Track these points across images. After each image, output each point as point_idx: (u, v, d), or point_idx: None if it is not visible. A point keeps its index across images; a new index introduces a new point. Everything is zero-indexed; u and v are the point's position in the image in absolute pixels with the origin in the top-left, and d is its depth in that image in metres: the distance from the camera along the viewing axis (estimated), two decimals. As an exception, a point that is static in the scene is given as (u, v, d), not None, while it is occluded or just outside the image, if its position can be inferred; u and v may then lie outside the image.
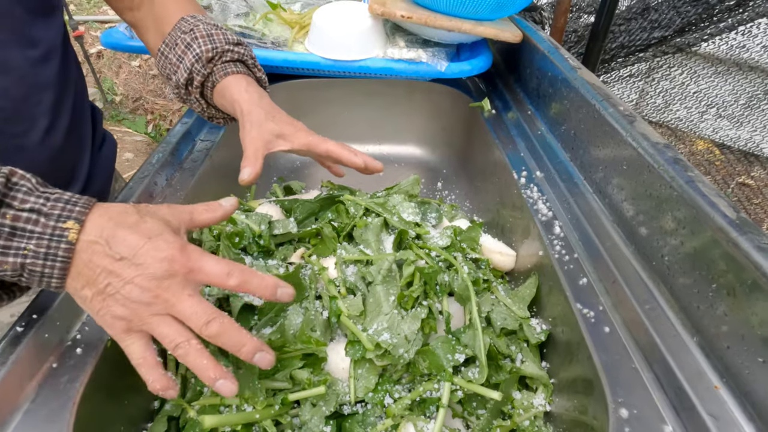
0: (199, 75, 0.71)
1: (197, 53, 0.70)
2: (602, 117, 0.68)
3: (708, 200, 0.48)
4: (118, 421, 0.52)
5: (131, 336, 0.43)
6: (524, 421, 0.57)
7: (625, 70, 1.63)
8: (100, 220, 0.43)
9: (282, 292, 0.48)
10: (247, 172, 0.64)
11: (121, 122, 3.45)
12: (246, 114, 0.69)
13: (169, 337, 0.43)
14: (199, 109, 0.78)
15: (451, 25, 0.94)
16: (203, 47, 0.70)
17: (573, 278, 0.59)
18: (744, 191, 2.21)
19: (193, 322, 0.43)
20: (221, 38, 0.72)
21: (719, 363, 0.45)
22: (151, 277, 0.42)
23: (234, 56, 0.73)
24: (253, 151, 0.66)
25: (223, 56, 0.72)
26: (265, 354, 0.46)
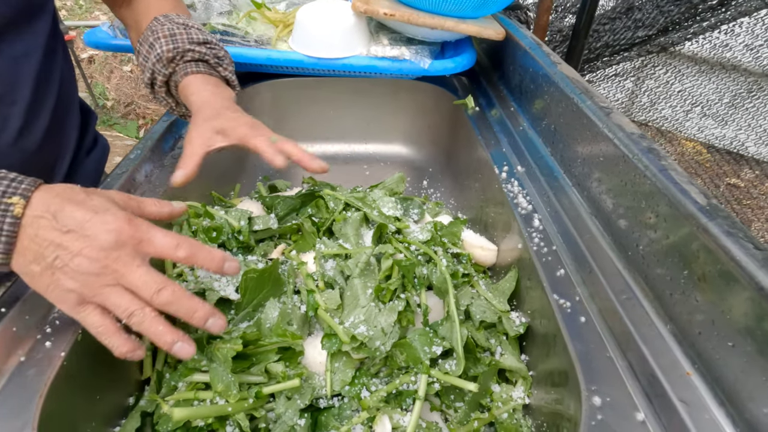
0: (161, 75, 0.72)
1: (158, 53, 0.71)
2: (580, 110, 0.68)
3: (680, 188, 0.48)
4: (90, 417, 0.51)
5: (85, 308, 0.43)
6: (503, 414, 0.57)
7: (610, 69, 1.64)
8: (47, 196, 0.43)
9: (229, 265, 0.48)
10: (179, 174, 0.63)
11: (113, 127, 3.44)
12: (194, 113, 0.68)
13: (122, 306, 0.43)
14: (168, 107, 0.78)
15: (434, 23, 0.94)
16: (164, 47, 0.71)
17: (551, 270, 0.59)
18: (733, 192, 2.22)
19: (144, 292, 0.43)
20: (184, 38, 0.72)
21: (691, 349, 0.45)
22: (99, 248, 0.42)
23: (195, 56, 0.73)
24: (189, 152, 0.64)
25: (184, 56, 0.72)
26: (217, 319, 0.46)
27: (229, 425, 0.52)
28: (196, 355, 0.54)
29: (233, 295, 0.60)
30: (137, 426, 0.54)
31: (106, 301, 0.43)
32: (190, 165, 0.63)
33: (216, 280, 0.62)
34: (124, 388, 0.58)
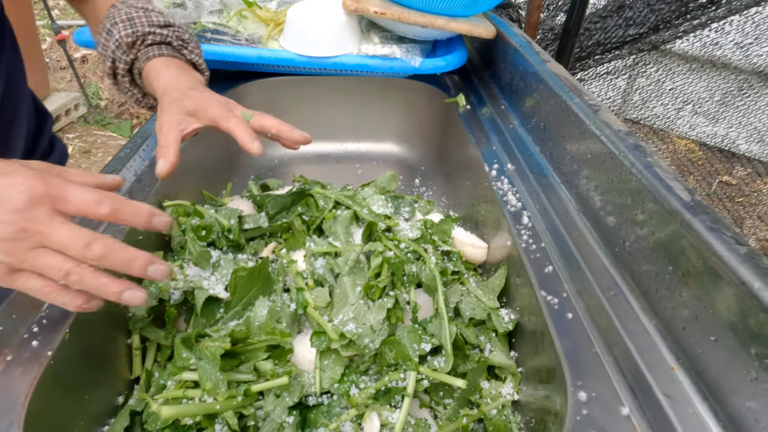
0: (122, 62, 0.68)
1: (117, 39, 0.66)
2: (568, 107, 0.68)
3: (665, 184, 0.48)
4: (78, 417, 0.51)
5: (19, 276, 0.41)
6: (492, 410, 0.57)
7: (602, 68, 1.64)
8: None
9: (158, 220, 0.46)
10: (161, 164, 0.58)
11: (106, 126, 3.42)
12: (160, 98, 0.64)
13: (56, 266, 0.40)
14: (134, 99, 0.74)
15: (425, 21, 0.94)
16: (122, 32, 0.66)
17: (539, 267, 0.59)
18: (725, 190, 2.24)
19: (73, 248, 0.40)
20: (143, 21, 0.68)
21: (675, 345, 0.46)
22: (12, 210, 0.39)
23: (156, 39, 0.69)
24: (164, 141, 0.60)
25: (145, 40, 0.68)
26: (159, 266, 0.44)
27: (218, 423, 0.52)
28: (185, 353, 0.54)
29: (223, 294, 0.60)
30: (126, 425, 0.54)
31: (36, 265, 0.40)
32: (169, 154, 0.59)
33: (205, 279, 0.62)
34: (113, 388, 0.58)
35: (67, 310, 0.51)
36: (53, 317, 0.51)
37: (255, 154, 0.61)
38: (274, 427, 0.51)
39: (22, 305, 0.51)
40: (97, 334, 0.56)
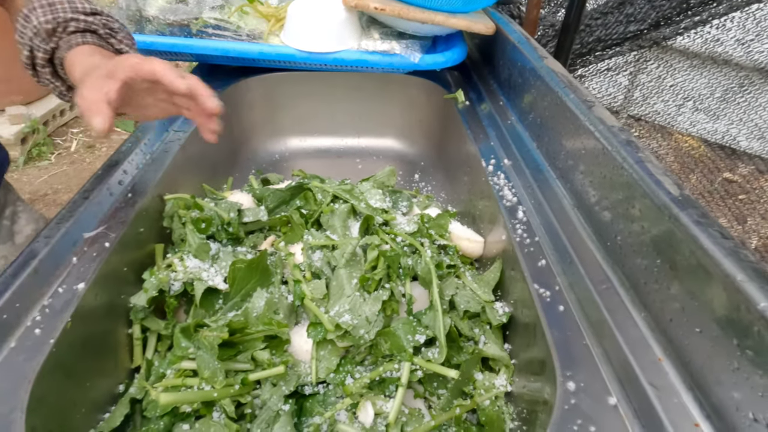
0: (40, 51, 0.62)
1: (35, 26, 0.60)
2: (564, 103, 0.69)
3: (654, 179, 0.49)
4: (79, 404, 0.52)
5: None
6: (485, 401, 0.58)
7: (603, 64, 1.64)
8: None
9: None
10: (97, 121, 0.52)
11: (110, 121, 3.43)
12: (79, 81, 0.58)
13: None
14: (57, 92, 0.67)
15: (424, 17, 0.95)
16: (41, 18, 0.60)
17: (533, 260, 0.60)
18: (727, 188, 2.23)
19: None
20: (65, 6, 0.61)
21: (663, 336, 0.47)
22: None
23: (80, 26, 0.62)
24: (86, 102, 0.53)
25: (67, 27, 0.62)
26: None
27: (216, 411, 0.53)
28: (184, 343, 0.55)
29: (221, 285, 0.62)
30: (127, 412, 0.55)
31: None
32: (100, 110, 0.52)
33: (204, 271, 0.63)
34: (114, 376, 0.60)
35: (68, 300, 0.53)
36: (55, 306, 0.52)
37: (180, 89, 0.57)
38: (270, 415, 0.53)
39: (26, 295, 0.52)
40: (99, 323, 0.57)
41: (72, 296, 0.53)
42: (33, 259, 0.56)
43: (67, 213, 0.63)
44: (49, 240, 0.58)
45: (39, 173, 2.81)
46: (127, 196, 0.69)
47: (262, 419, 0.53)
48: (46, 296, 0.53)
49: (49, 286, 0.54)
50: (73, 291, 0.54)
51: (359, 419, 0.54)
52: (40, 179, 2.77)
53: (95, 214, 0.65)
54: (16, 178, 2.70)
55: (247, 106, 1.11)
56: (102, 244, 0.60)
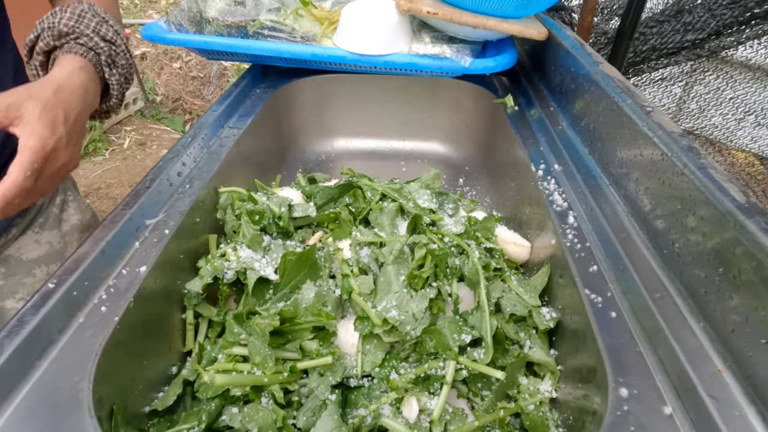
0: (44, 41, 0.65)
1: (53, 22, 0.64)
2: (620, 108, 0.68)
3: (718, 185, 0.48)
4: (137, 381, 0.55)
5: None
6: (529, 406, 0.58)
7: (657, 74, 1.59)
8: None
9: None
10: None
11: (161, 121, 3.58)
12: (39, 84, 0.60)
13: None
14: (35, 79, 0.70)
15: (476, 22, 0.95)
16: (63, 21, 0.64)
17: (583, 266, 0.59)
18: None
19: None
20: (90, 24, 0.66)
21: (723, 347, 0.45)
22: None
23: (89, 44, 0.66)
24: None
25: (78, 38, 0.65)
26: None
27: (264, 396, 0.55)
28: (237, 329, 0.57)
29: (272, 276, 0.63)
30: (179, 392, 0.57)
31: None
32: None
33: (257, 261, 0.65)
34: (168, 358, 0.62)
35: (131, 282, 0.56)
36: (119, 287, 0.55)
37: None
38: (317, 404, 0.54)
39: (94, 274, 0.56)
40: (157, 306, 0.60)
41: (134, 278, 0.56)
42: (101, 241, 0.59)
43: (131, 200, 0.67)
44: (115, 224, 0.62)
45: (94, 168, 2.95)
46: (185, 187, 0.72)
47: (309, 407, 0.54)
48: (112, 276, 0.56)
49: (114, 267, 0.57)
50: (135, 273, 0.57)
51: (403, 414, 0.55)
52: (95, 173, 2.91)
53: (156, 202, 0.68)
54: (90, 172, 2.85)
55: (297, 107, 1.13)
56: (162, 231, 0.63)
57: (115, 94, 0.72)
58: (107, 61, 0.69)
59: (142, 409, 0.55)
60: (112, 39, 0.69)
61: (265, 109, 1.00)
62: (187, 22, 1.06)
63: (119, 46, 0.70)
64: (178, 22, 1.06)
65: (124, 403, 0.50)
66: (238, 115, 0.95)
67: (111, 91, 0.71)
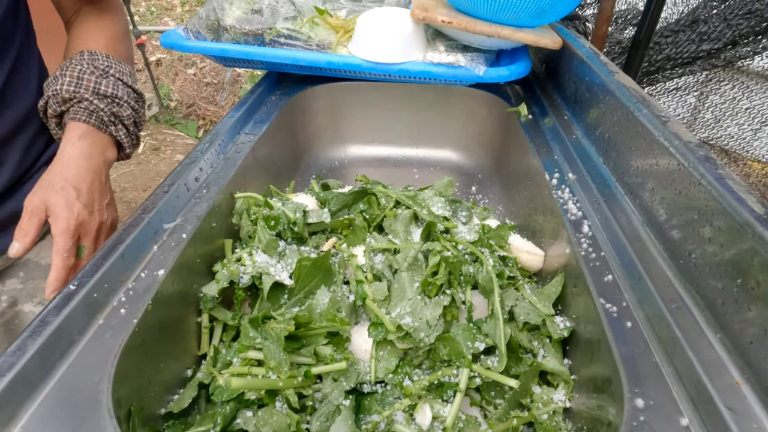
0: (51, 108, 0.75)
1: (56, 90, 0.73)
2: (636, 118, 0.68)
3: (736, 196, 0.48)
4: (154, 383, 0.56)
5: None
6: (542, 415, 0.57)
7: (671, 83, 1.59)
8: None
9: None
10: (16, 247, 0.66)
11: (175, 126, 3.63)
12: (51, 165, 0.71)
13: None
14: (57, 137, 0.80)
15: (491, 31, 0.96)
16: (64, 86, 0.73)
17: (598, 275, 0.59)
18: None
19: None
20: (89, 85, 0.74)
21: (741, 359, 0.45)
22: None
23: (90, 107, 0.74)
24: (27, 225, 0.67)
25: (81, 101, 0.74)
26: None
27: (278, 401, 0.55)
28: (252, 333, 0.58)
29: (287, 281, 0.64)
30: (194, 395, 0.58)
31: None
32: (26, 240, 0.67)
33: (272, 266, 0.65)
34: (183, 361, 0.63)
35: (149, 285, 0.57)
36: (138, 289, 0.56)
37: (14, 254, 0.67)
38: (330, 409, 0.54)
39: (113, 277, 0.57)
40: (174, 309, 0.61)
41: (153, 281, 0.57)
42: (120, 244, 0.60)
43: (150, 204, 0.68)
44: (134, 228, 0.63)
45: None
46: (202, 192, 0.73)
47: (322, 412, 0.54)
48: (131, 279, 0.57)
49: (133, 270, 0.58)
50: (153, 276, 0.58)
51: (416, 421, 0.55)
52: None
53: (174, 206, 0.69)
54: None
55: (311, 113, 1.15)
56: (180, 235, 0.64)
57: (126, 145, 0.80)
58: (110, 119, 0.76)
59: (158, 410, 0.55)
60: (113, 93, 0.76)
61: (280, 116, 1.01)
62: (205, 30, 1.08)
63: (121, 98, 0.76)
64: (196, 30, 1.08)
65: (141, 404, 0.50)
66: (254, 121, 0.96)
67: (121, 142, 0.79)
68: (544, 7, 0.93)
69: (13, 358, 0.46)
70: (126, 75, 0.81)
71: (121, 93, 0.78)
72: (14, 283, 0.80)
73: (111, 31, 0.84)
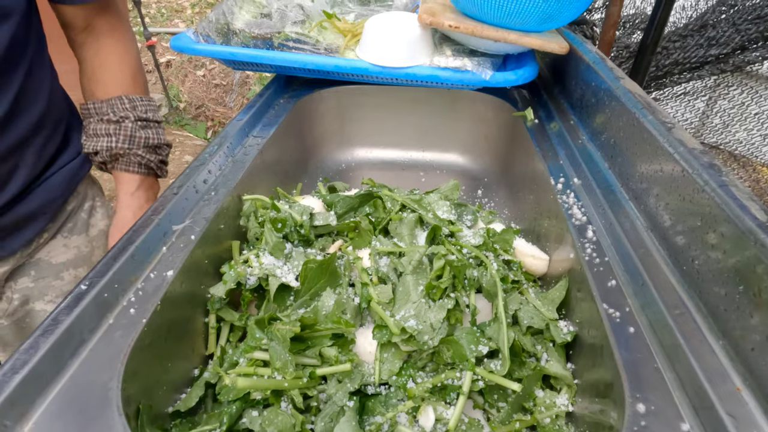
0: (100, 157, 0.84)
1: (110, 146, 0.83)
2: (641, 124, 0.68)
3: (739, 203, 0.48)
4: (162, 382, 0.57)
5: None
6: (545, 419, 0.58)
7: (679, 88, 1.58)
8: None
9: None
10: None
11: (184, 127, 3.65)
12: (111, 227, 0.87)
13: None
14: (97, 166, 0.89)
15: (498, 36, 0.96)
16: (119, 144, 0.83)
17: (602, 280, 0.59)
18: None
19: None
20: (141, 143, 0.84)
21: (743, 365, 0.45)
22: None
23: (143, 161, 0.86)
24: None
25: (131, 157, 0.85)
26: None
27: (283, 401, 0.56)
28: (258, 334, 0.58)
29: (293, 283, 0.65)
30: (201, 394, 0.59)
31: None
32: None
33: (278, 268, 0.66)
34: (190, 360, 0.64)
35: (158, 285, 0.58)
36: (147, 290, 0.57)
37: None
38: (335, 410, 0.55)
39: (123, 277, 0.58)
40: (181, 309, 0.62)
41: (162, 282, 0.58)
42: (130, 245, 0.61)
43: (159, 206, 0.69)
44: (144, 229, 0.64)
45: (119, 172, 3.01)
46: (210, 194, 0.74)
47: (327, 413, 0.55)
48: (140, 280, 0.58)
49: (142, 270, 0.59)
50: (162, 277, 0.59)
51: (419, 423, 0.55)
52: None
53: (183, 208, 0.70)
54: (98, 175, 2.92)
55: (319, 116, 1.16)
56: (188, 237, 0.65)
57: (165, 173, 0.94)
58: (157, 165, 0.90)
59: (166, 409, 0.56)
60: (159, 143, 0.88)
61: (288, 119, 1.02)
62: (214, 34, 1.10)
63: (163, 143, 0.89)
64: (206, 33, 1.09)
65: (149, 402, 0.51)
66: (262, 124, 0.97)
67: (162, 175, 0.93)
68: (551, 12, 0.93)
69: (26, 356, 0.47)
70: (155, 109, 0.90)
71: (162, 138, 0.89)
72: (26, 282, 0.82)
73: (132, 58, 0.88)
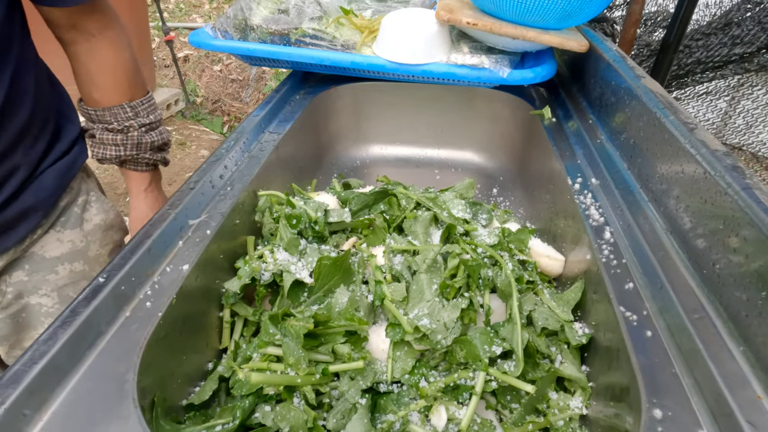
0: (107, 161, 0.89)
1: (118, 155, 0.87)
2: (662, 125, 0.67)
3: (763, 206, 0.47)
4: (176, 374, 0.57)
5: None
6: (558, 421, 0.57)
7: (701, 87, 1.55)
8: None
9: None
10: None
11: (200, 122, 3.68)
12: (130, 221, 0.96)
13: None
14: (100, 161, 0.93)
15: (516, 33, 0.95)
16: (127, 152, 0.87)
17: (619, 282, 0.59)
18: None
19: None
20: (147, 147, 0.89)
21: (764, 373, 0.44)
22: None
23: (150, 161, 0.91)
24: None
25: (139, 160, 0.90)
26: None
27: (296, 397, 0.56)
28: (272, 329, 0.59)
29: (307, 279, 0.65)
30: (215, 388, 0.59)
31: None
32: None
33: (293, 264, 0.66)
34: (204, 354, 0.64)
35: (174, 279, 0.58)
36: (163, 283, 0.58)
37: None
38: (347, 407, 0.55)
39: (140, 271, 0.58)
40: (197, 303, 0.62)
41: (177, 276, 0.59)
42: (148, 239, 0.62)
43: (176, 200, 0.70)
44: (161, 223, 0.65)
45: (136, 165, 3.05)
46: (226, 189, 0.75)
47: (339, 410, 0.55)
48: (157, 273, 0.59)
49: (159, 264, 0.60)
50: (179, 271, 0.59)
51: (431, 422, 0.55)
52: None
53: (199, 203, 0.71)
54: (116, 169, 2.96)
55: (335, 113, 1.16)
56: (204, 231, 0.66)
57: (168, 160, 0.98)
58: (163, 161, 0.95)
59: (180, 402, 0.57)
60: (163, 143, 0.92)
61: (304, 115, 1.02)
62: (232, 29, 1.10)
63: (167, 140, 0.93)
64: (224, 29, 1.10)
65: (164, 395, 0.52)
66: (278, 120, 0.97)
67: (166, 163, 0.98)
68: (571, 9, 0.92)
69: (45, 347, 0.48)
70: (155, 108, 0.92)
71: (166, 136, 0.92)
72: (20, 276, 0.82)
73: (127, 57, 0.85)
